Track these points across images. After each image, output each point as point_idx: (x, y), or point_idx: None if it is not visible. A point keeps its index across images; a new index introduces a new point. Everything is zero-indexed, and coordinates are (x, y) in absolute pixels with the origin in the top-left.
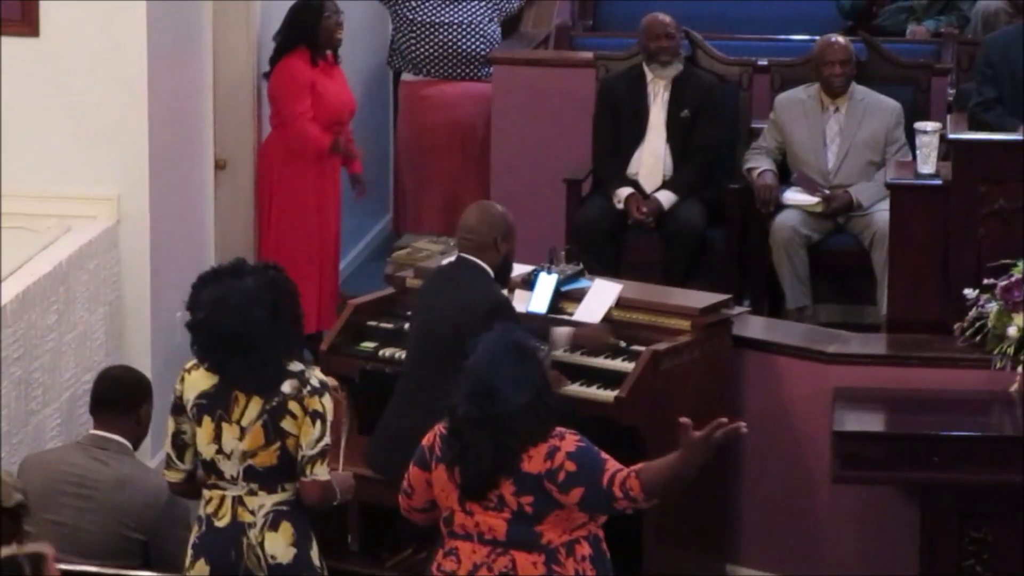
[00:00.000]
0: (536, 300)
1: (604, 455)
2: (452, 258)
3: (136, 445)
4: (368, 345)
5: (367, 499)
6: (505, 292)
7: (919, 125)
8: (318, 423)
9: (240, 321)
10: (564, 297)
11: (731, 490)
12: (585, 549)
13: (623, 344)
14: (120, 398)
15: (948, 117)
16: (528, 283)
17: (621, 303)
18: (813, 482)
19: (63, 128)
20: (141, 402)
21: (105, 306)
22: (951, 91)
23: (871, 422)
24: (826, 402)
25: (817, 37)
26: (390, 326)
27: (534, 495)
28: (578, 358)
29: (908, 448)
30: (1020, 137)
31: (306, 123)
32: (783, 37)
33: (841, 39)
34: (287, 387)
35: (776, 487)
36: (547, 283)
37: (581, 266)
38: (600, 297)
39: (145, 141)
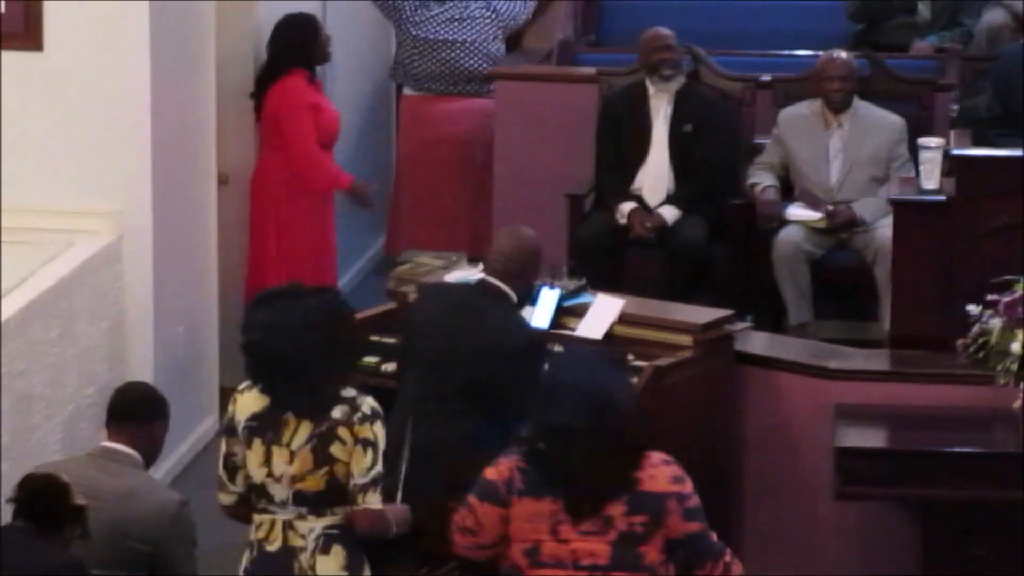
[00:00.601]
0: (538, 315)
1: None
2: (473, 278)
3: (149, 462)
4: (370, 360)
5: None
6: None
7: (922, 141)
8: (369, 451)
9: (295, 345)
10: (566, 312)
11: (733, 506)
12: (671, 569)
13: None
14: (134, 412)
15: (951, 133)
16: (531, 298)
17: (623, 319)
18: (815, 498)
19: (66, 143)
20: (156, 418)
21: (107, 321)
22: (954, 107)
23: (873, 438)
24: (828, 418)
25: (820, 53)
26: (392, 341)
27: (648, 515)
28: None
29: (910, 465)
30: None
31: (320, 153)
32: (786, 53)
33: (843, 54)
34: (338, 412)
35: (778, 503)
36: (549, 298)
37: (583, 281)
38: (602, 313)
39: (148, 156)
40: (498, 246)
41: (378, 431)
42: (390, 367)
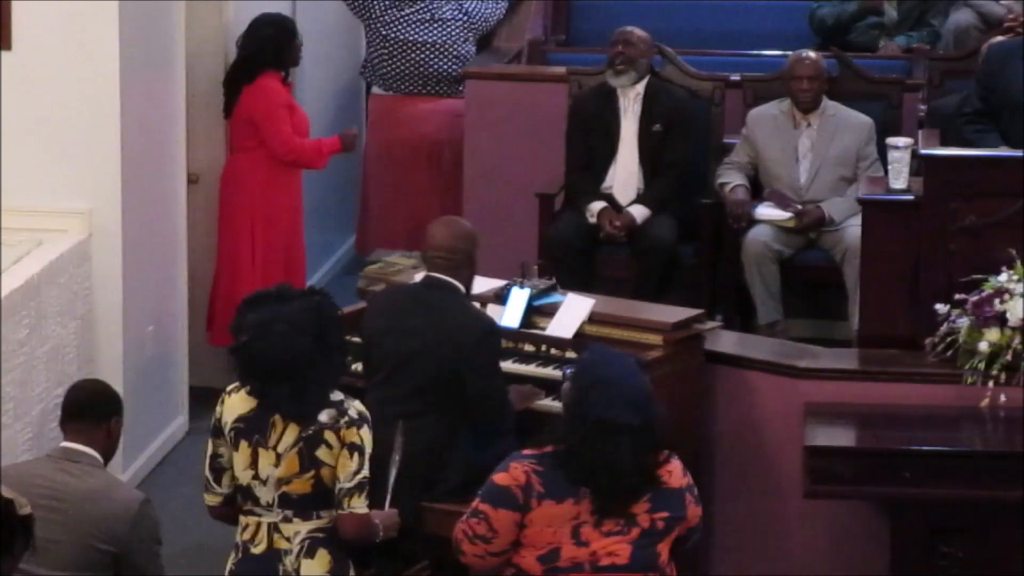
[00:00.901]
0: (508, 315)
1: None
2: (419, 277)
3: (107, 459)
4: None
5: None
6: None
7: (891, 141)
8: (356, 455)
9: (284, 348)
10: (536, 312)
11: (703, 504)
12: (674, 570)
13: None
14: (91, 410)
15: (920, 133)
16: (500, 298)
17: (593, 318)
18: (784, 497)
19: (35, 142)
20: (111, 415)
21: (76, 320)
22: (922, 107)
23: (842, 437)
24: (797, 417)
25: (789, 52)
26: (361, 340)
27: (670, 510)
28: (551, 372)
29: (879, 463)
30: (991, 153)
31: (298, 140)
32: (756, 52)
33: (812, 55)
34: (324, 416)
35: (747, 502)
36: (519, 298)
37: (553, 281)
38: (572, 312)
39: (117, 155)
40: (435, 242)
41: (365, 435)
42: (359, 366)
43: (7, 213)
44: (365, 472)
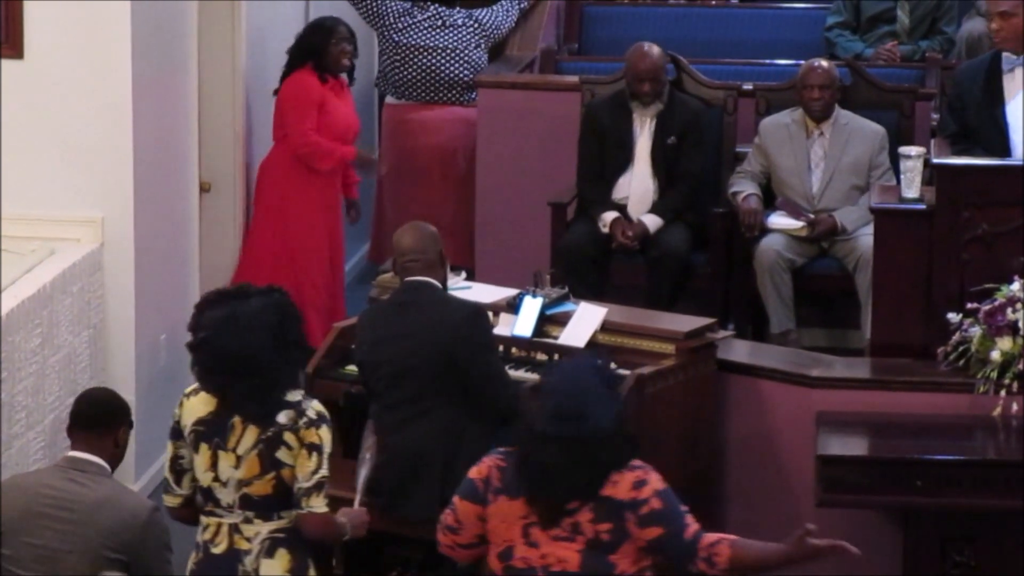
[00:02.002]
0: (521, 324)
1: (685, 508)
2: (396, 286)
3: (114, 467)
4: (353, 368)
5: None
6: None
7: (903, 150)
8: (314, 455)
9: (244, 343)
10: (549, 321)
11: (715, 513)
12: None
13: None
14: (98, 419)
15: (932, 142)
16: (513, 307)
17: (606, 327)
18: (797, 506)
19: (47, 150)
20: (119, 424)
21: (89, 329)
22: (935, 116)
23: (854, 446)
24: (810, 426)
25: (802, 61)
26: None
27: (613, 522)
28: None
29: (891, 472)
30: (1004, 163)
31: (316, 136)
32: (768, 61)
33: (824, 63)
34: (283, 417)
35: (760, 510)
36: (532, 307)
37: (566, 290)
38: (585, 321)
39: (130, 164)
40: (403, 247)
41: (324, 435)
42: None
43: (20, 222)
44: (324, 472)
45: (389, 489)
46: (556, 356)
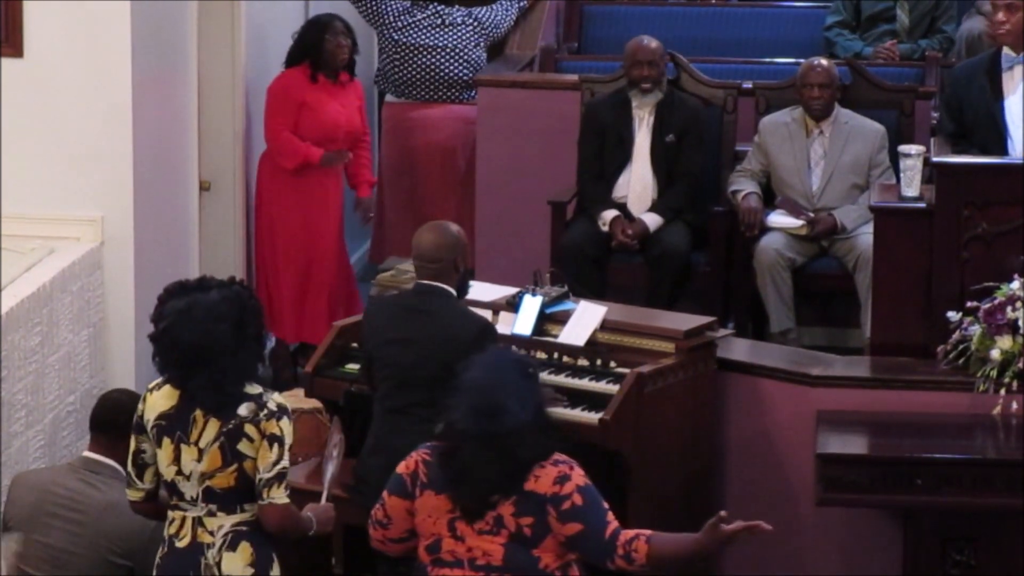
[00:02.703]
0: (521, 322)
1: (606, 505)
2: (410, 286)
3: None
4: (353, 367)
5: (351, 522)
6: (478, 311)
7: (903, 148)
8: (275, 447)
9: (203, 333)
10: (549, 319)
11: (715, 512)
12: (576, 572)
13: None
14: (113, 422)
15: (932, 140)
16: (513, 305)
17: (606, 325)
18: (797, 504)
19: (47, 149)
20: (131, 427)
21: (89, 328)
22: (935, 115)
23: (854, 445)
24: (810, 425)
25: (802, 60)
26: (363, 353)
27: (535, 516)
28: (563, 380)
29: (891, 471)
30: (1004, 161)
31: (286, 135)
32: (768, 60)
33: (824, 62)
34: (243, 410)
35: (760, 509)
36: (532, 305)
37: (566, 288)
38: (585, 320)
39: (129, 162)
40: (420, 250)
41: (284, 427)
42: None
43: (20, 220)
44: (285, 463)
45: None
46: (556, 355)
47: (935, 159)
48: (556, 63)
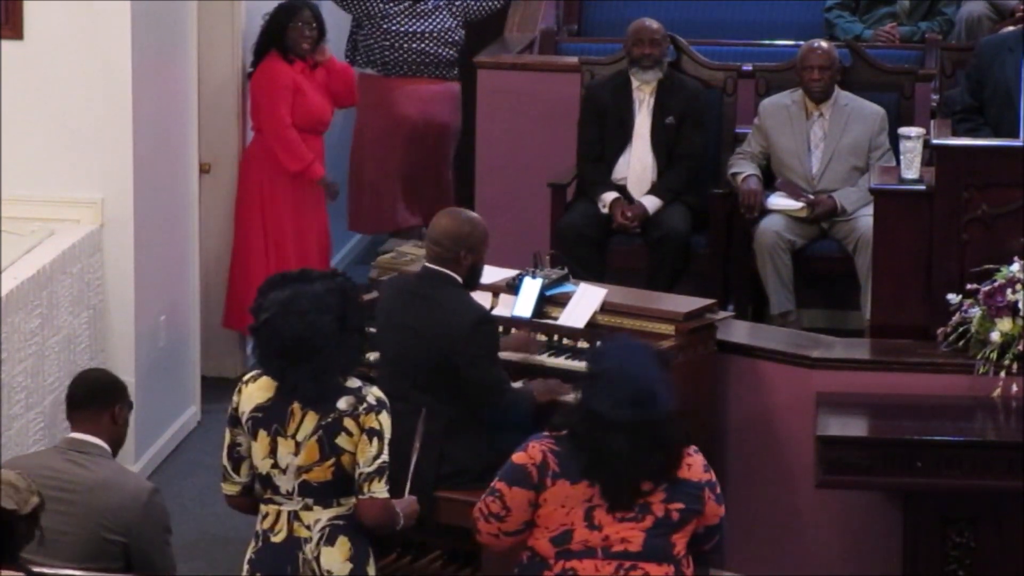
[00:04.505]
0: (521, 305)
1: None
2: (417, 269)
3: (115, 448)
4: None
5: None
6: (479, 300)
7: (903, 130)
8: (375, 441)
9: (306, 325)
10: (549, 302)
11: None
12: (691, 564)
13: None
14: (93, 397)
15: (932, 123)
16: (513, 287)
17: (606, 308)
18: (796, 487)
19: (47, 132)
20: (114, 401)
21: (89, 310)
22: (935, 97)
23: (854, 427)
24: (810, 407)
25: (802, 42)
26: (373, 331)
27: (686, 503)
28: (562, 362)
29: (891, 453)
30: (1004, 143)
31: (293, 134)
32: (768, 42)
33: (824, 44)
34: (343, 403)
35: (760, 491)
36: (532, 288)
37: (566, 271)
38: (585, 302)
39: (129, 145)
40: (433, 233)
41: (384, 421)
42: (372, 356)
43: (20, 203)
44: (385, 457)
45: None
46: (556, 337)
47: (935, 141)
48: (556, 45)
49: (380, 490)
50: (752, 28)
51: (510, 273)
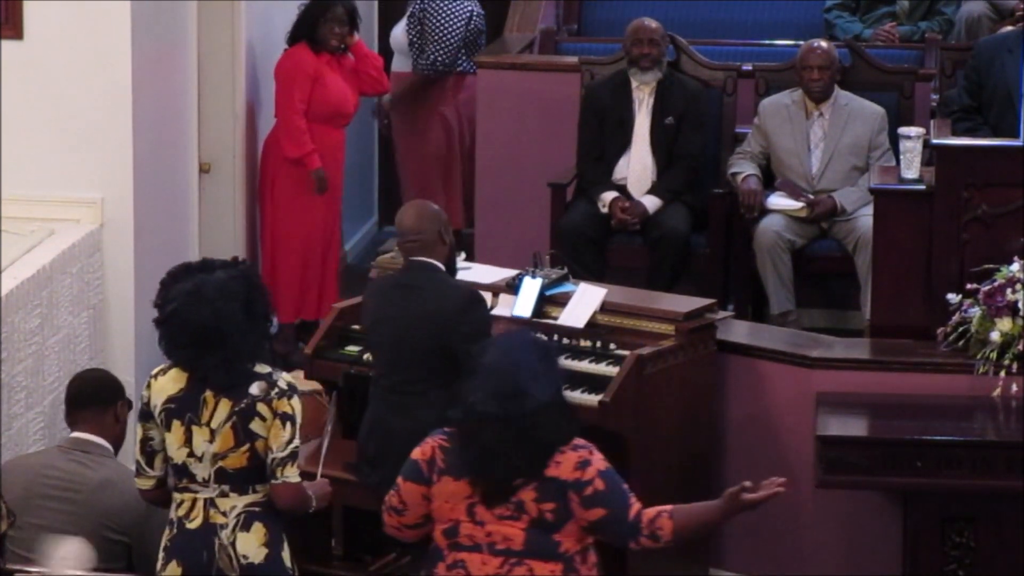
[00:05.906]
0: (521, 304)
1: (626, 486)
2: (401, 265)
3: (116, 447)
4: (352, 349)
5: (351, 503)
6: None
7: (902, 130)
8: (288, 425)
9: (213, 314)
10: (549, 301)
11: (714, 494)
12: (594, 556)
13: None
14: (94, 397)
15: (931, 122)
16: (513, 287)
17: (606, 307)
18: (796, 486)
19: (47, 131)
20: (113, 399)
21: (89, 310)
22: (934, 96)
23: (854, 427)
24: (809, 407)
25: (801, 42)
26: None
27: (556, 502)
28: (562, 362)
29: (891, 453)
30: (1004, 143)
31: (301, 122)
32: (768, 42)
33: (824, 44)
34: (255, 389)
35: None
36: (532, 287)
37: (566, 270)
38: (585, 301)
39: (129, 145)
40: (404, 227)
41: (295, 405)
42: (367, 357)
43: (20, 202)
44: (297, 442)
45: (389, 470)
46: (556, 337)
47: (935, 141)
48: (556, 45)
49: (293, 475)
50: (752, 28)
51: (510, 273)
